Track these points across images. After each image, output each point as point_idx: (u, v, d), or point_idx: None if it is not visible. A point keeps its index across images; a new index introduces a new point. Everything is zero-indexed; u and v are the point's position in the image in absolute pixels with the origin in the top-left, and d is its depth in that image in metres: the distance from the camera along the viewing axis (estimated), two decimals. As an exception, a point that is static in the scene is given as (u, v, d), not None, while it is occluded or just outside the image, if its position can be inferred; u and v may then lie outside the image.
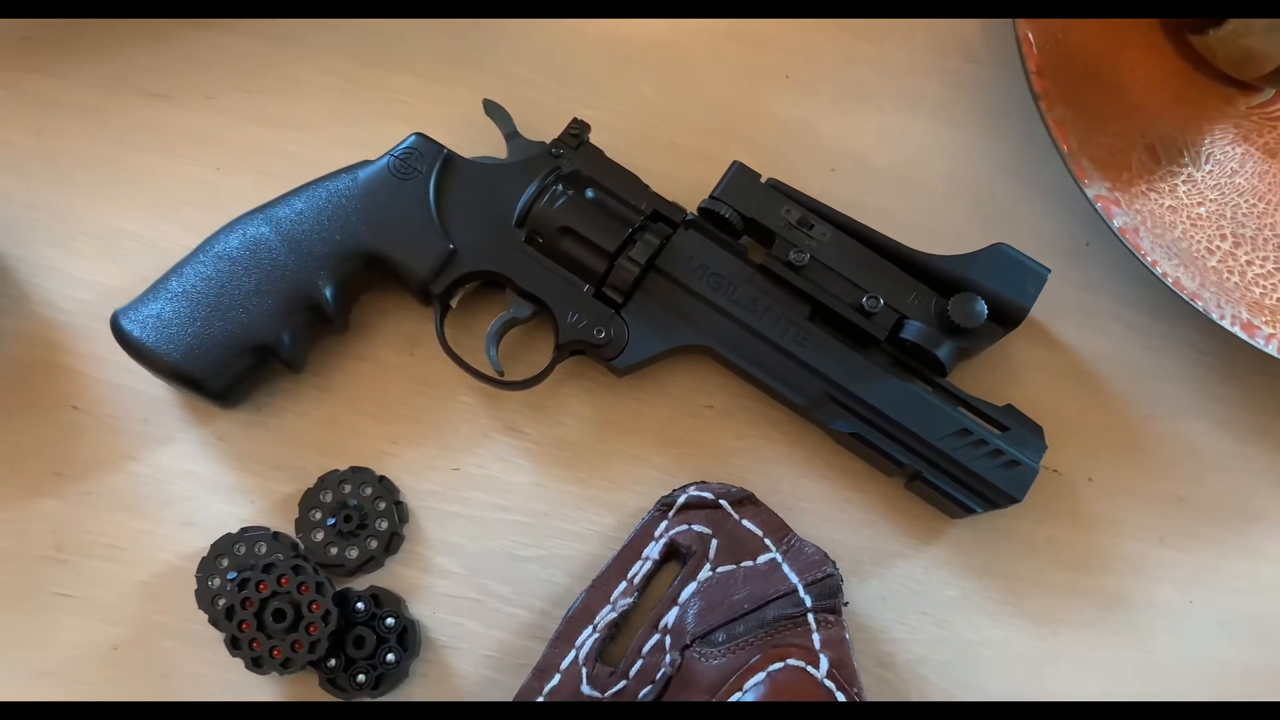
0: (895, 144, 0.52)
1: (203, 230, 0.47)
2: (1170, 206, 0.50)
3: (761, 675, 0.41)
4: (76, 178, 0.50)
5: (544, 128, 0.50)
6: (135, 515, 0.46)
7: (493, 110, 0.49)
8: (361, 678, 0.43)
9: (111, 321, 0.45)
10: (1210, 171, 0.52)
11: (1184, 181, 0.51)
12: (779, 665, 0.41)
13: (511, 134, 0.49)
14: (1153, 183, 0.50)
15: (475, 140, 0.50)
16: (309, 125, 0.51)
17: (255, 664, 0.42)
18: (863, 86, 0.53)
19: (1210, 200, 0.51)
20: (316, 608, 0.42)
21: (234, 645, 0.42)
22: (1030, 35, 0.49)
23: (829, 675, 0.41)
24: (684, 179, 0.49)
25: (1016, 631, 0.47)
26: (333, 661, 0.43)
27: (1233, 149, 0.53)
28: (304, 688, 0.44)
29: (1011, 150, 0.52)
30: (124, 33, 0.51)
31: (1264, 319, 0.47)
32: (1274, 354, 0.46)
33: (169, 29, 0.51)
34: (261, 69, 0.51)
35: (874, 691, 0.45)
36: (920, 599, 0.47)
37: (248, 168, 0.50)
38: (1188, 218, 0.50)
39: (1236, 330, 0.46)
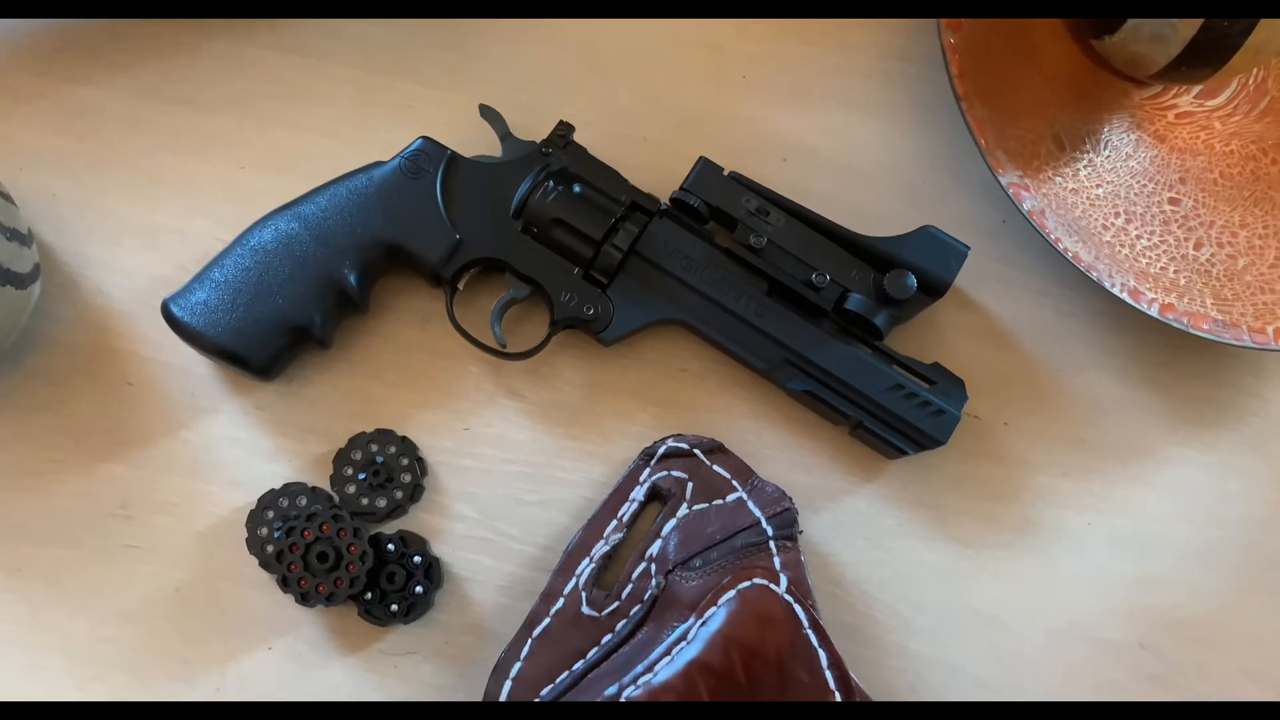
0: (838, 138, 0.59)
1: (232, 223, 0.54)
2: (1072, 189, 0.58)
3: (732, 592, 0.49)
4: (117, 179, 0.55)
5: (533, 127, 0.56)
6: (189, 476, 0.53)
7: (488, 114, 0.55)
8: (394, 608, 0.51)
9: (162, 308, 0.51)
10: (1108, 157, 0.60)
11: (1085, 166, 0.59)
12: (747, 584, 0.48)
13: (505, 135, 0.55)
14: (1058, 168, 0.58)
15: (473, 140, 0.56)
16: (324, 128, 0.57)
17: (303, 599, 0.50)
18: (810, 87, 0.60)
19: (1107, 182, 0.59)
20: (354, 550, 0.50)
21: (284, 584, 0.50)
22: (952, 41, 0.56)
23: (788, 590, 0.49)
24: (657, 172, 0.56)
25: (944, 553, 0.55)
26: (369, 595, 0.50)
27: (1128, 135, 0.61)
28: (345, 618, 0.51)
29: (938, 142, 0.59)
30: (153, 45, 0.57)
31: (1148, 286, 0.56)
32: (1156, 316, 0.54)
33: (195, 42, 0.57)
34: (281, 77, 0.57)
35: (825, 605, 0.53)
36: (863, 527, 0.55)
37: (270, 167, 0.56)
38: (1087, 198, 0.58)
39: (1124, 296, 0.54)
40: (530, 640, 0.50)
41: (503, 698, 0.49)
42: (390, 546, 0.51)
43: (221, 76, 0.57)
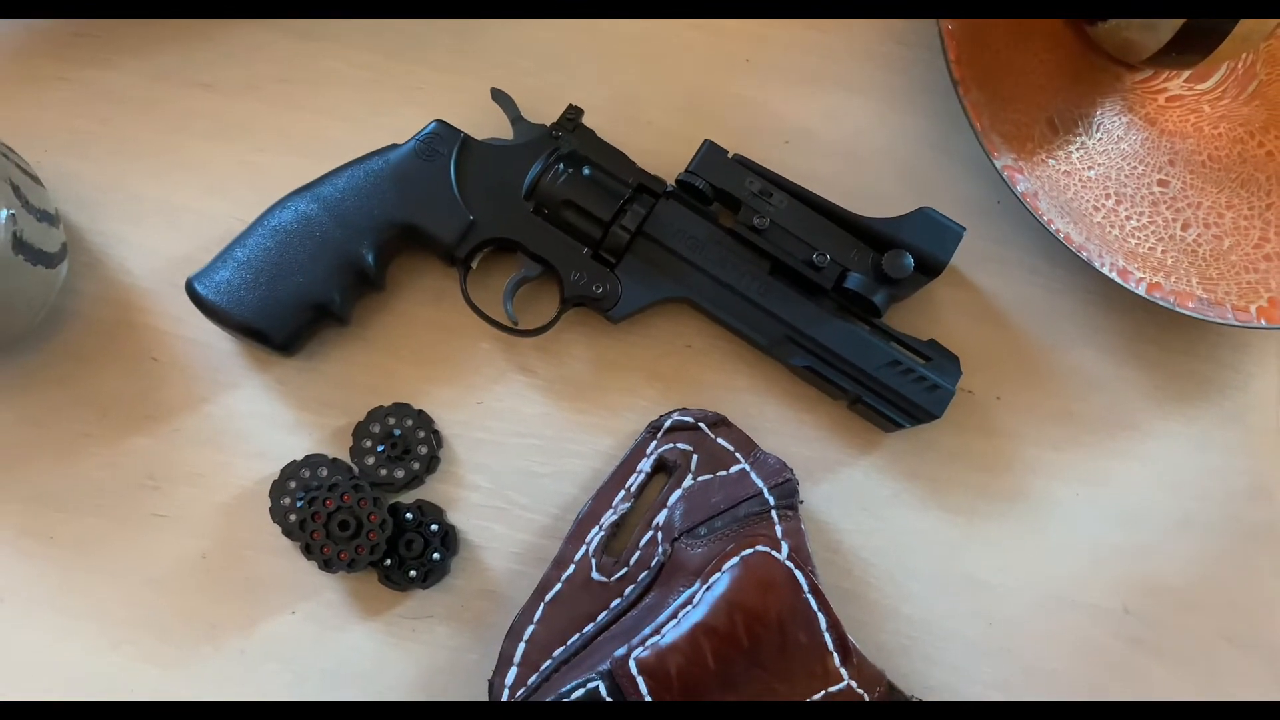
0: (839, 120, 0.61)
1: (250, 204, 0.55)
2: (1065, 171, 0.60)
3: (736, 559, 0.51)
4: (139, 160, 0.57)
5: (541, 110, 0.58)
6: (213, 448, 0.55)
7: (499, 97, 0.57)
8: (413, 573, 0.53)
9: (187, 286, 0.53)
10: (1100, 139, 0.61)
11: (1077, 149, 0.61)
12: (750, 550, 0.50)
13: (516, 118, 0.56)
14: (1051, 151, 0.60)
15: (483, 123, 0.57)
16: (339, 111, 0.58)
17: (326, 565, 0.52)
18: (811, 70, 0.61)
19: (1099, 164, 0.61)
20: (374, 518, 0.52)
21: (308, 551, 0.52)
22: (950, 27, 0.58)
23: (789, 557, 0.51)
24: (662, 154, 0.57)
25: (938, 522, 0.57)
26: (389, 561, 0.53)
27: (1119, 119, 0.62)
28: (365, 584, 0.54)
29: (936, 125, 0.61)
30: (171, 30, 0.58)
31: (1137, 265, 0.58)
32: (1144, 295, 0.56)
33: (212, 27, 0.58)
34: (296, 62, 0.58)
35: (824, 570, 0.55)
36: (860, 497, 0.57)
37: (287, 149, 0.57)
38: (1079, 180, 0.60)
39: (1114, 276, 0.56)
40: (543, 604, 0.53)
41: (516, 659, 0.52)
42: (409, 515, 0.53)
43: (238, 61, 0.58)
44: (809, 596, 0.50)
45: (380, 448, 0.54)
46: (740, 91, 0.61)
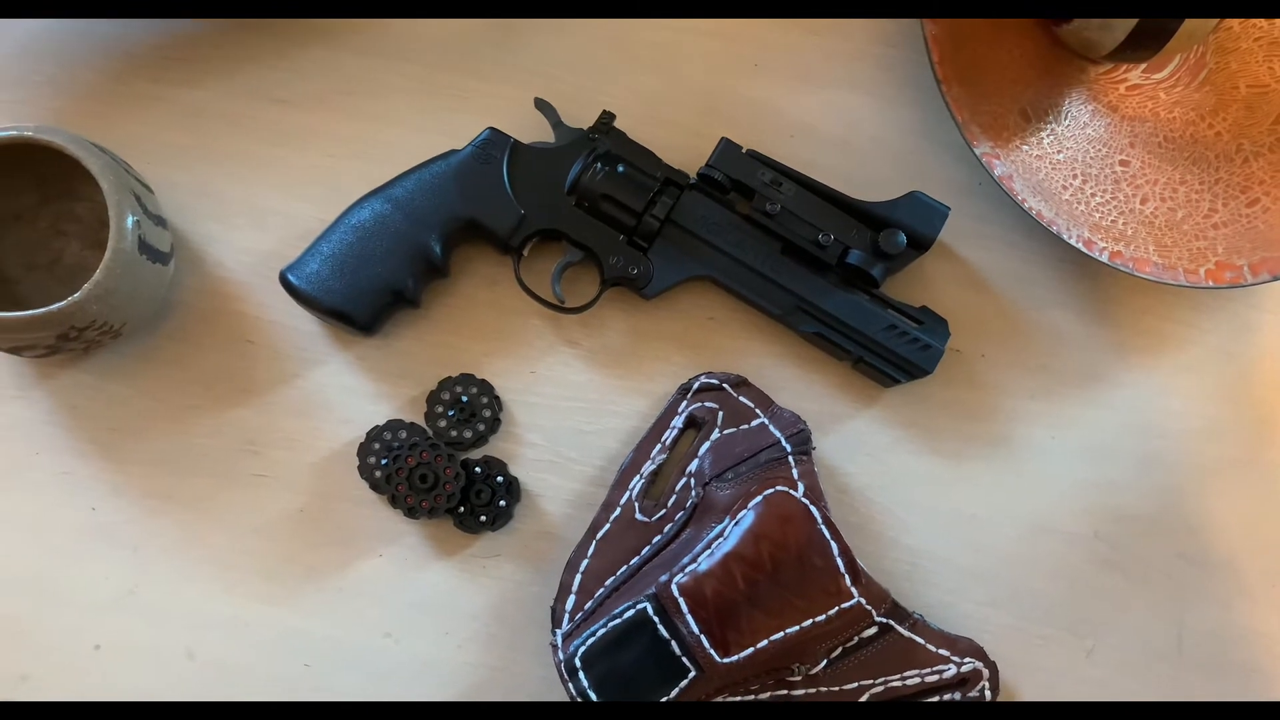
0: (837, 115, 0.68)
1: (326, 204, 0.63)
2: (1037, 155, 0.68)
3: (759, 498, 0.58)
4: (226, 168, 0.65)
5: (573, 112, 0.65)
6: (305, 417, 0.63)
7: (542, 106, 0.64)
8: (483, 519, 0.61)
9: (281, 278, 0.61)
10: (1068, 126, 0.69)
11: (1048, 135, 0.69)
12: (771, 490, 0.58)
13: (557, 123, 0.64)
14: (1025, 138, 0.68)
15: (525, 124, 0.64)
16: (398, 120, 0.66)
17: (409, 513, 0.60)
18: (812, 70, 0.69)
19: (1067, 148, 0.69)
20: (449, 472, 0.60)
21: (393, 501, 0.60)
22: (933, 32, 0.66)
23: (804, 495, 0.58)
24: (683, 150, 0.65)
25: (932, 465, 0.65)
26: (462, 509, 0.61)
27: (1085, 107, 0.70)
28: (441, 529, 0.62)
29: (922, 117, 0.69)
30: (249, 52, 0.66)
31: (1100, 236, 0.66)
32: (1106, 262, 0.64)
33: (285, 48, 0.66)
34: (359, 77, 0.66)
35: (834, 507, 0.63)
36: (864, 445, 0.65)
37: (354, 155, 0.65)
38: (1049, 163, 0.68)
39: (1080, 246, 0.64)
40: (594, 542, 0.61)
41: (574, 588, 0.60)
42: (477, 469, 0.62)
43: (310, 78, 0.66)
44: (822, 528, 0.58)
45: (450, 412, 0.63)
46: (750, 92, 0.69)
